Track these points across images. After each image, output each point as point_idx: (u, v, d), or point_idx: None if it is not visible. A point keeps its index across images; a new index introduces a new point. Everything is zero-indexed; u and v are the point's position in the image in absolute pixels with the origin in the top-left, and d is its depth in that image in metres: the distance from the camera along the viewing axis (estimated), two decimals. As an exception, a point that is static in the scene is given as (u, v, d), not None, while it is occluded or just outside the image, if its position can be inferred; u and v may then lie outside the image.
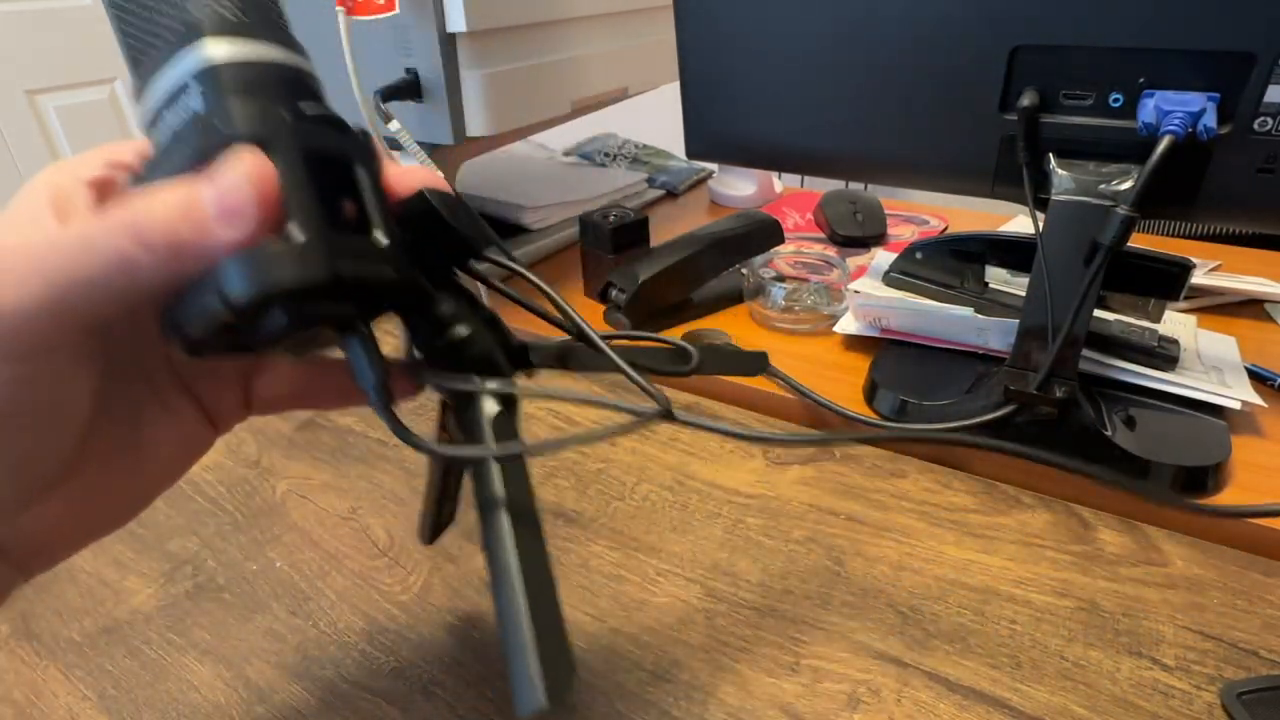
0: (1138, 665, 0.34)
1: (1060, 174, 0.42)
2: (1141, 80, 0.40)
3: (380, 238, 0.21)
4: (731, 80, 0.53)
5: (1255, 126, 0.39)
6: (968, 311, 0.53)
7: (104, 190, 0.21)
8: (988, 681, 0.34)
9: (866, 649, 0.36)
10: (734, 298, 0.67)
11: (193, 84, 0.19)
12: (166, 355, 0.24)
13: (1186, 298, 0.64)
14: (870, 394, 0.53)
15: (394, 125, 0.57)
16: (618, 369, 0.25)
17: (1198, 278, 0.62)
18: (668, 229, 0.72)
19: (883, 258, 0.63)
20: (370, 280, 0.20)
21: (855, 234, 0.79)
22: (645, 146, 1.10)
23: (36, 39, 1.54)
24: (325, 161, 0.20)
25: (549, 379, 0.30)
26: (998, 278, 0.58)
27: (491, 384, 0.23)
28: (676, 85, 0.56)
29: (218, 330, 0.19)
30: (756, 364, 0.34)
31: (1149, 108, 0.39)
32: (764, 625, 0.37)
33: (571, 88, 0.70)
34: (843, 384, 0.54)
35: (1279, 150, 0.39)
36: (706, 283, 0.66)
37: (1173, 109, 0.39)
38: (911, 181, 0.53)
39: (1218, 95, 0.39)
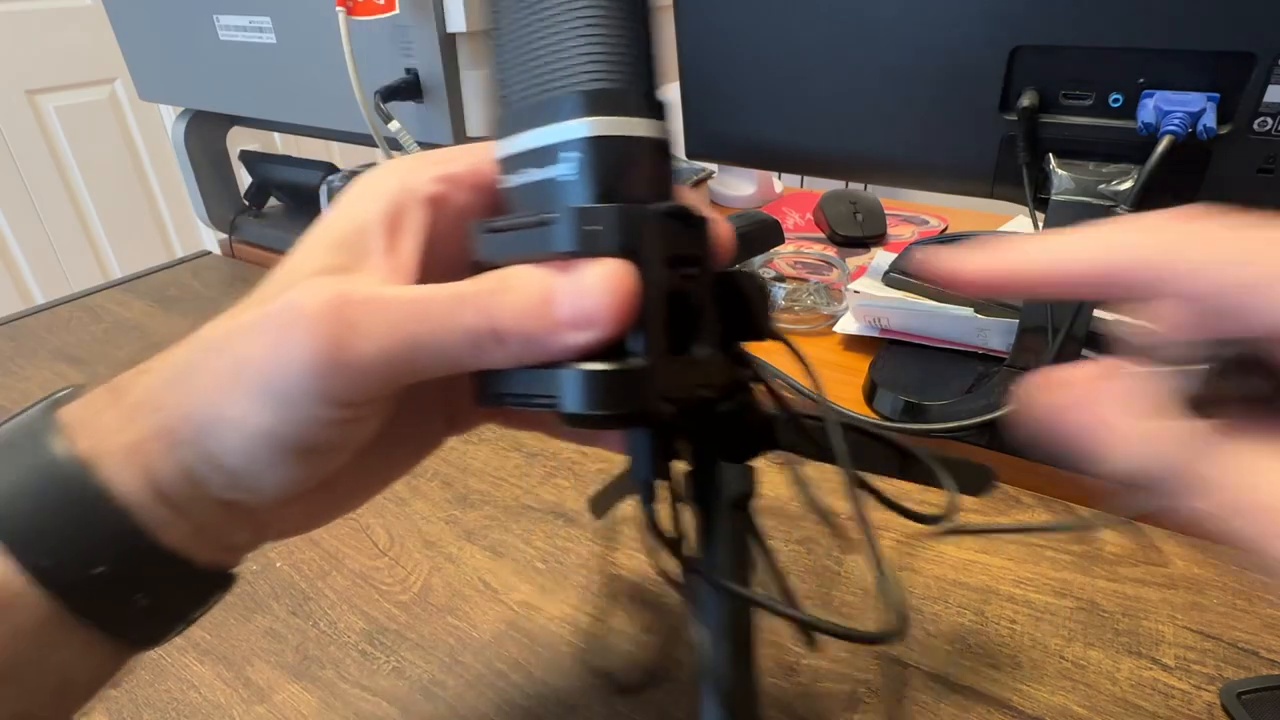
0: (1138, 665, 0.34)
1: (1060, 174, 0.42)
2: (1141, 80, 0.40)
3: (701, 352, 0.21)
4: (731, 80, 0.53)
5: (1255, 126, 0.39)
6: (968, 311, 0.53)
7: (438, 208, 0.21)
8: (988, 681, 0.34)
9: (866, 649, 0.36)
10: (734, 298, 0.67)
11: (573, 154, 0.19)
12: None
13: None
14: (870, 394, 0.53)
15: (394, 125, 0.57)
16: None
17: (1198, 278, 0.62)
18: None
19: (883, 258, 0.63)
20: (687, 402, 0.20)
21: (855, 234, 0.79)
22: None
23: (36, 39, 1.54)
24: (680, 262, 0.20)
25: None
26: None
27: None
28: (676, 85, 0.56)
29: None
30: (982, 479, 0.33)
31: (1149, 108, 0.39)
32: (763, 625, 0.37)
33: (571, 88, 0.70)
34: (843, 384, 0.54)
35: (1279, 150, 0.39)
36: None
37: (1173, 109, 0.39)
38: (911, 181, 0.53)
39: (1218, 95, 0.39)
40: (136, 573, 0.20)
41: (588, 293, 0.18)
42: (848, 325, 0.59)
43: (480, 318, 0.18)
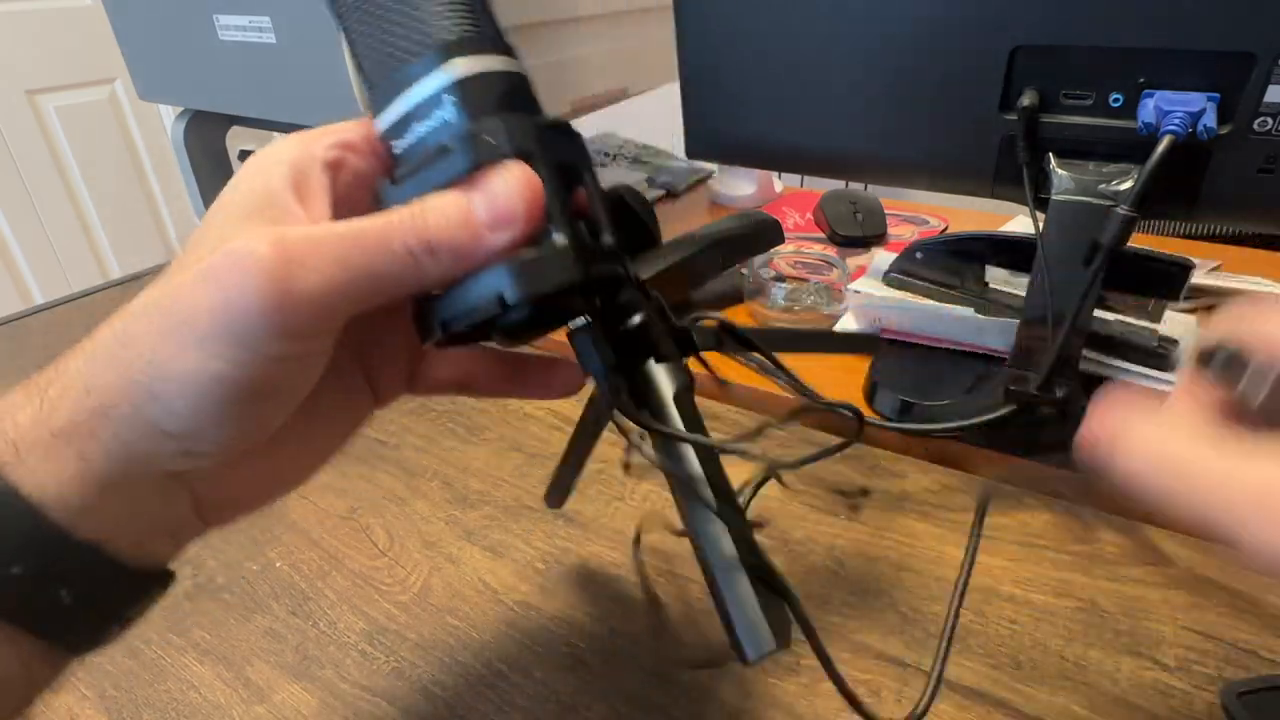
0: (1138, 665, 0.34)
1: (1060, 174, 0.42)
2: (1141, 80, 0.40)
3: (608, 238, 0.23)
4: (731, 80, 0.53)
5: (1255, 126, 0.38)
6: (968, 311, 0.53)
7: (337, 171, 0.22)
8: (988, 681, 0.34)
9: (866, 649, 0.36)
10: (734, 298, 0.67)
11: (446, 96, 0.21)
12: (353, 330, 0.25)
13: (1187, 298, 0.64)
14: (870, 394, 0.53)
15: None
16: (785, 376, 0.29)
17: (1198, 278, 0.62)
18: (668, 229, 0.72)
19: (883, 258, 0.63)
20: (608, 277, 0.23)
21: (855, 234, 0.79)
22: (645, 146, 1.10)
23: (36, 39, 1.54)
24: (568, 170, 0.23)
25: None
26: (998, 278, 0.58)
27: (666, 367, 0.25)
28: (676, 85, 0.56)
29: (476, 326, 0.22)
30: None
31: (1149, 108, 0.39)
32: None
33: (571, 88, 0.70)
34: (843, 384, 0.54)
35: (1279, 150, 0.39)
36: (706, 283, 0.66)
37: (1173, 109, 0.39)
38: (911, 181, 0.52)
39: (1218, 95, 0.38)
40: (57, 571, 0.19)
41: (499, 193, 0.20)
42: (848, 325, 0.59)
43: (411, 236, 0.20)
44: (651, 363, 0.24)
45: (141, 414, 0.19)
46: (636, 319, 0.24)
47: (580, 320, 0.24)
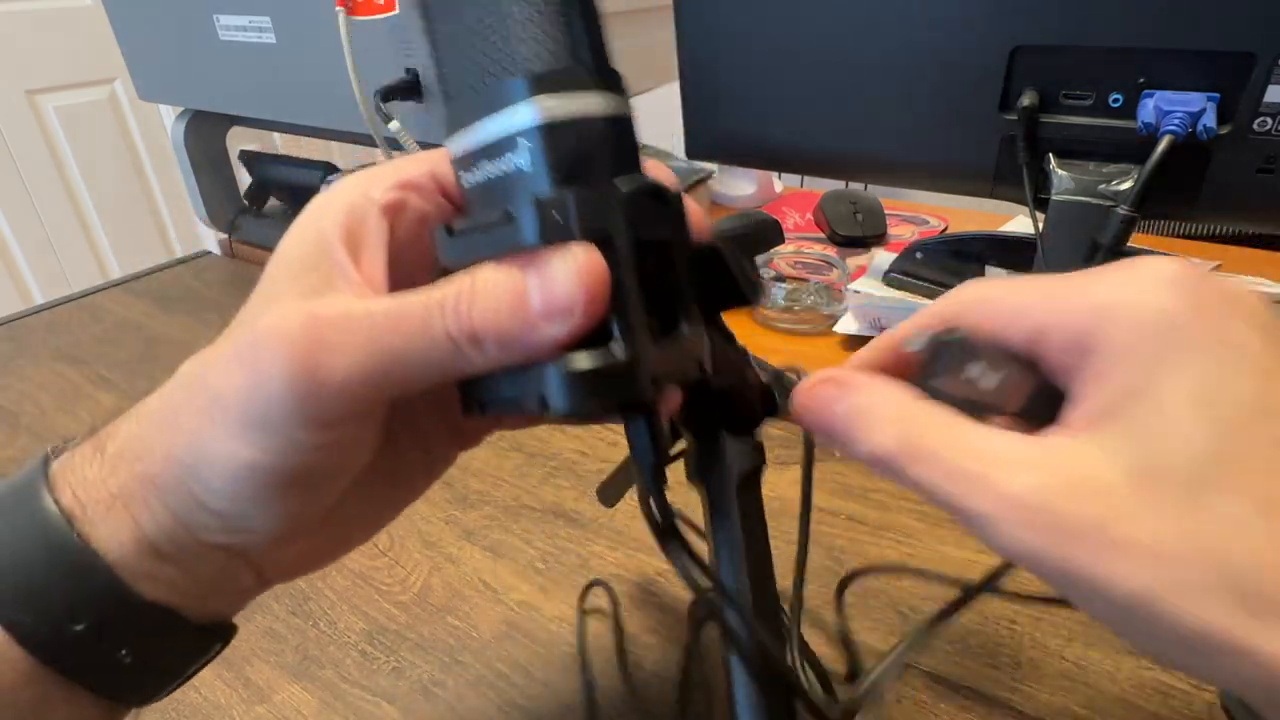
0: (1138, 665, 0.34)
1: (1060, 174, 0.42)
2: (1141, 80, 0.40)
3: (686, 329, 0.20)
4: (731, 80, 0.53)
5: (1255, 126, 0.39)
6: (968, 311, 0.53)
7: (397, 215, 0.20)
8: (988, 681, 0.34)
9: (866, 649, 0.35)
10: (734, 298, 0.67)
11: (525, 143, 0.18)
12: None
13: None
14: (870, 394, 0.53)
15: (394, 125, 0.57)
16: None
17: (1198, 278, 0.62)
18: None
19: (883, 258, 0.63)
20: (678, 381, 0.20)
21: (855, 234, 0.79)
22: (645, 146, 1.10)
23: (36, 39, 1.54)
24: (655, 247, 0.19)
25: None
26: (998, 278, 0.58)
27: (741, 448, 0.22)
28: (676, 85, 0.56)
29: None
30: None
31: (1149, 108, 0.39)
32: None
33: (571, 88, 0.70)
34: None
35: (1279, 150, 0.39)
36: (706, 283, 0.66)
37: (1173, 109, 0.39)
38: (911, 181, 0.53)
39: (1218, 95, 0.39)
40: (120, 630, 0.19)
41: (557, 281, 0.17)
42: (848, 325, 0.59)
43: (453, 321, 0.18)
44: (725, 434, 0.22)
45: (183, 488, 0.19)
46: (721, 381, 0.21)
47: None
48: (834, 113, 0.50)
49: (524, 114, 0.18)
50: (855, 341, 0.60)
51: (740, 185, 0.94)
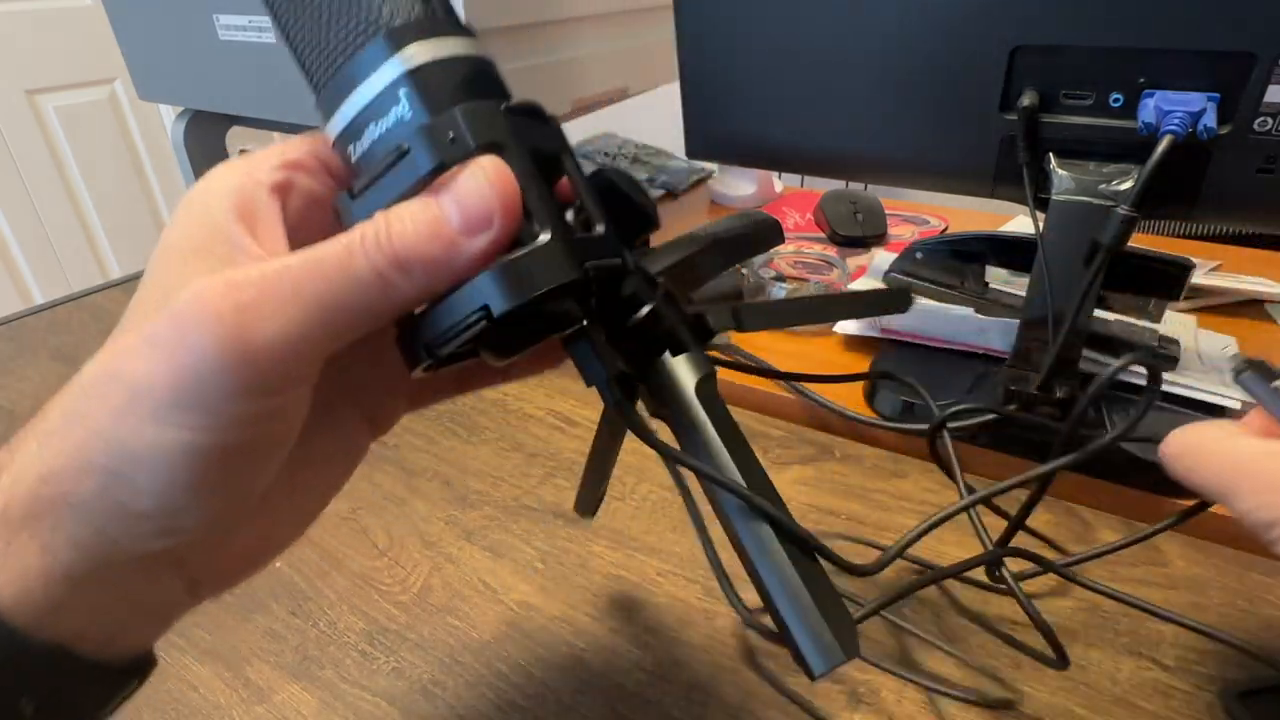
0: (1138, 665, 0.34)
1: (1060, 174, 0.42)
2: (1141, 80, 0.40)
3: (600, 228, 0.21)
4: (731, 80, 0.53)
5: (1255, 126, 0.39)
6: (968, 311, 0.53)
7: (286, 194, 0.20)
8: (988, 681, 0.34)
9: (866, 649, 0.35)
10: (734, 298, 0.67)
11: (401, 91, 0.19)
12: (338, 366, 0.22)
13: (1186, 298, 0.64)
14: (870, 394, 0.53)
15: None
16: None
17: (1198, 278, 0.62)
18: (668, 229, 0.72)
19: (883, 258, 0.63)
20: (607, 272, 0.20)
21: (855, 234, 0.79)
22: (645, 146, 1.10)
23: (36, 39, 1.54)
24: (546, 158, 0.20)
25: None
26: (998, 278, 0.58)
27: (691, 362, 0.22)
28: (676, 85, 0.56)
29: (464, 345, 0.19)
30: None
31: (1149, 108, 0.39)
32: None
33: (571, 87, 0.70)
34: (843, 384, 0.54)
35: (1279, 150, 0.39)
36: (706, 283, 0.66)
37: (1173, 109, 0.39)
38: (911, 181, 0.52)
39: (1218, 95, 0.38)
40: (17, 679, 0.17)
41: (469, 193, 0.18)
42: (848, 325, 0.59)
43: (378, 255, 0.18)
44: (667, 356, 0.22)
45: (107, 497, 0.17)
46: (644, 310, 0.21)
47: (575, 326, 0.21)
48: (834, 113, 0.50)
49: (395, 66, 0.19)
50: (855, 341, 0.60)
51: (740, 185, 0.94)
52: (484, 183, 0.18)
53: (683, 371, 0.22)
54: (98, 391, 0.18)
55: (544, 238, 0.19)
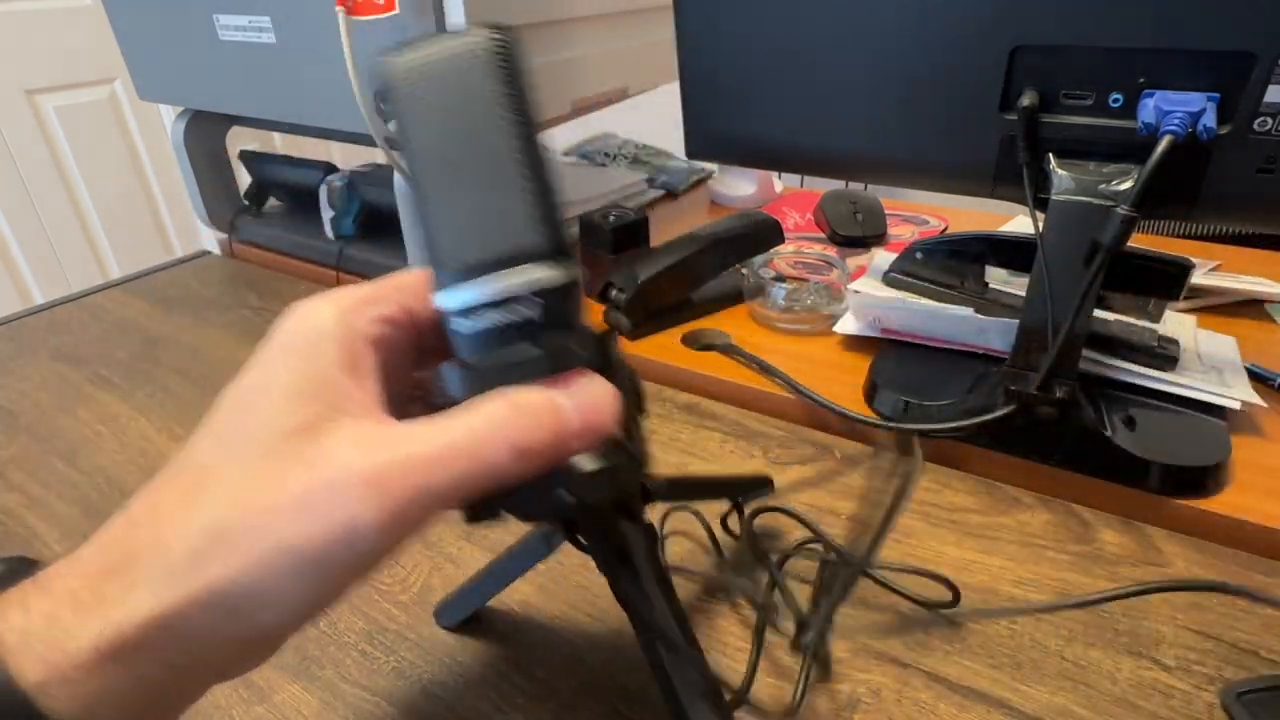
0: (1138, 665, 0.34)
1: (1060, 174, 0.42)
2: (1141, 80, 0.40)
3: (639, 434, 0.25)
4: (731, 80, 0.53)
5: (1255, 126, 0.39)
6: (968, 311, 0.53)
7: (379, 348, 0.23)
8: (988, 681, 0.34)
9: (867, 649, 0.36)
10: (734, 298, 0.67)
11: (535, 299, 0.22)
12: None
13: (1186, 298, 0.64)
14: (870, 394, 0.53)
15: (394, 125, 0.57)
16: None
17: (1198, 278, 0.62)
18: (668, 229, 0.72)
19: (883, 258, 0.63)
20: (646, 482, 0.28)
21: (855, 234, 0.79)
22: (645, 146, 1.10)
23: (36, 39, 1.54)
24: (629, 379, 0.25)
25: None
26: (998, 278, 0.58)
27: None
28: (676, 85, 0.56)
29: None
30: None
31: (1149, 108, 0.39)
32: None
33: (571, 88, 0.70)
34: (843, 384, 0.54)
35: (1279, 150, 0.39)
36: (706, 283, 0.66)
37: (1173, 109, 0.39)
38: (911, 181, 0.53)
39: (1218, 95, 0.39)
40: None
41: (590, 407, 0.21)
42: (848, 325, 0.59)
43: (505, 449, 0.20)
44: (624, 521, 0.27)
45: (218, 630, 0.19)
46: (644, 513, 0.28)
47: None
48: (834, 113, 0.50)
49: (540, 276, 0.22)
50: (855, 341, 0.60)
51: (740, 185, 0.94)
52: (601, 397, 0.22)
53: (635, 537, 0.27)
54: (228, 541, 0.19)
55: (637, 451, 0.24)
